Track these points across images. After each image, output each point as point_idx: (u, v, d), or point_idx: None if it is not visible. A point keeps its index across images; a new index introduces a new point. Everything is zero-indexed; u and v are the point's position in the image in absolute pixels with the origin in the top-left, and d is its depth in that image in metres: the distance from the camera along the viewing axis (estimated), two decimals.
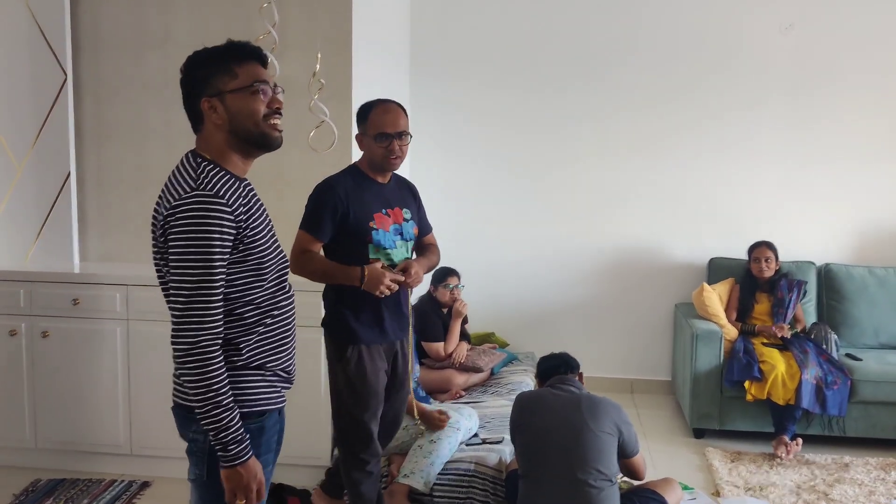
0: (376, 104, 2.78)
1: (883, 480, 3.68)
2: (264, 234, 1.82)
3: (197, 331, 1.68)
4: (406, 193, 2.95)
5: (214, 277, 1.68)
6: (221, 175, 1.77)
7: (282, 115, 1.83)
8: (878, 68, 4.70)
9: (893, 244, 4.80)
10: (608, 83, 4.93)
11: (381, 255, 2.74)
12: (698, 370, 4.22)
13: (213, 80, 1.78)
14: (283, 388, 1.91)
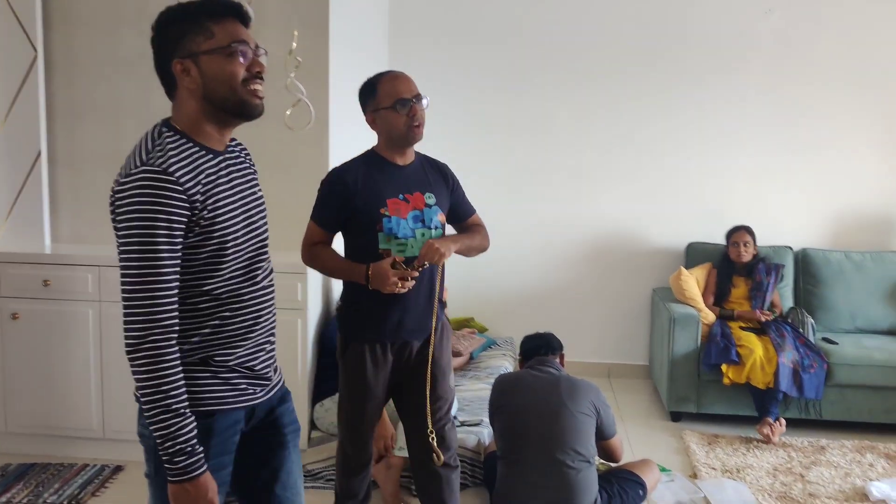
0: (382, 75, 2.54)
1: (858, 463, 3.71)
2: (230, 216, 1.62)
3: (144, 324, 1.49)
4: (433, 175, 2.62)
5: (161, 265, 1.49)
6: (182, 149, 1.58)
7: (263, 80, 1.64)
8: (858, 54, 4.71)
9: (870, 229, 4.84)
10: (589, 69, 4.90)
11: (392, 246, 2.46)
12: (676, 354, 4.23)
13: (186, 40, 1.58)
14: (247, 385, 1.70)
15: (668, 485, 3.39)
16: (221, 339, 1.65)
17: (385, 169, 2.52)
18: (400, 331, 2.54)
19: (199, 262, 1.58)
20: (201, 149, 1.61)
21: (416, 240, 2.48)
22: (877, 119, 4.76)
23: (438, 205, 2.56)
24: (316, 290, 3.61)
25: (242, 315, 1.67)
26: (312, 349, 3.57)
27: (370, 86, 2.53)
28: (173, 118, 1.64)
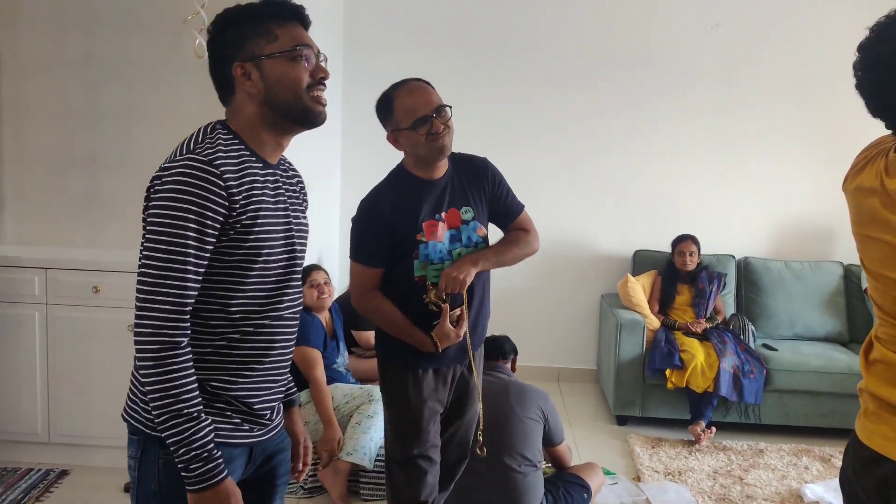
0: (396, 90, 2.31)
1: (795, 465, 3.84)
2: (268, 229, 1.51)
3: (161, 320, 1.39)
4: (469, 181, 2.40)
5: (187, 259, 1.39)
6: (233, 147, 1.49)
7: (325, 87, 1.57)
8: (800, 69, 4.87)
9: (809, 239, 5.00)
10: (539, 79, 4.98)
11: (428, 272, 2.29)
12: (622, 359, 4.33)
13: (248, 43, 1.51)
14: (242, 420, 1.54)
15: (612, 487, 3.48)
16: (223, 364, 1.52)
17: (416, 188, 2.32)
18: (440, 356, 2.35)
19: (222, 271, 1.47)
20: (253, 155, 1.53)
21: (452, 261, 2.31)
22: (817, 132, 4.93)
23: (477, 218, 2.37)
24: None
25: (253, 342, 1.54)
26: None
27: (386, 103, 2.32)
28: (229, 121, 1.56)
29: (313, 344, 3.53)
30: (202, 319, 1.48)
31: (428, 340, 2.28)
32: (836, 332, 4.68)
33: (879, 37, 1.48)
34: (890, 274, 1.51)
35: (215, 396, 1.50)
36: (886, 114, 1.52)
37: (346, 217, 5.08)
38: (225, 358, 1.52)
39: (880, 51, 1.47)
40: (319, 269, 3.78)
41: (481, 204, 2.40)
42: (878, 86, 1.49)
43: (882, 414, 1.54)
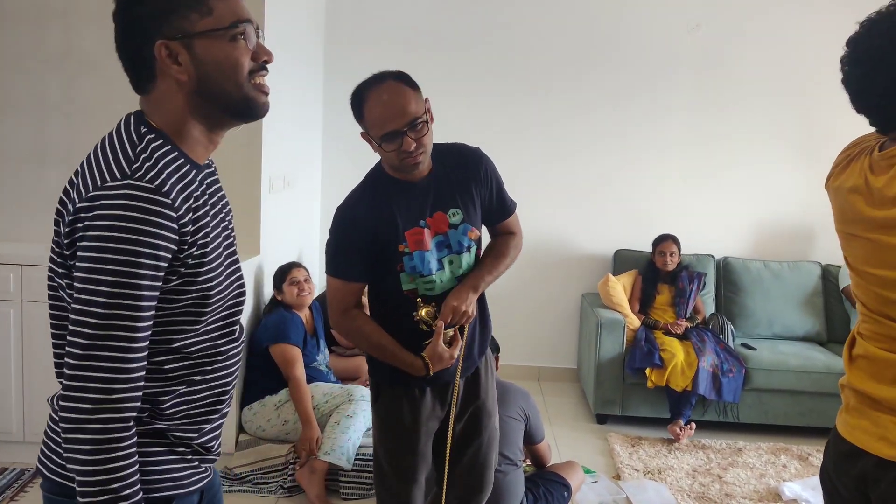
0: (367, 91, 2.00)
1: (773, 464, 3.87)
2: (217, 255, 1.28)
3: (107, 384, 1.13)
4: (457, 178, 2.14)
5: (138, 311, 1.14)
6: (171, 158, 1.23)
7: (268, 72, 1.31)
8: (780, 70, 4.90)
9: (788, 239, 5.04)
10: (520, 79, 4.98)
11: (418, 285, 2.09)
12: (602, 358, 4.34)
13: (175, 16, 1.21)
14: (199, 461, 1.36)
15: (592, 486, 3.48)
16: (186, 412, 1.30)
17: (395, 192, 2.08)
18: (439, 373, 2.14)
19: (172, 313, 1.23)
20: (187, 161, 1.27)
21: (444, 272, 2.10)
22: (796, 133, 4.96)
23: (467, 220, 2.13)
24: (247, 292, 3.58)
25: (214, 381, 1.33)
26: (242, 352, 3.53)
27: (357, 102, 2.04)
28: (148, 114, 1.27)
29: (293, 342, 3.52)
30: (154, 366, 1.23)
31: (419, 363, 2.06)
32: (815, 332, 4.71)
33: (869, 32, 1.49)
34: (873, 271, 1.52)
35: (188, 449, 1.32)
36: (871, 110, 1.53)
37: (326, 213, 5.08)
38: (194, 403, 1.31)
39: (869, 45, 1.48)
40: (300, 266, 3.76)
41: (472, 203, 2.15)
42: (866, 81, 1.50)
43: (863, 409, 1.55)
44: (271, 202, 3.86)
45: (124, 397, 1.14)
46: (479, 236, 2.19)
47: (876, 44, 1.46)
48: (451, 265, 2.12)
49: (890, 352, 1.50)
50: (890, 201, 1.45)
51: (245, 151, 3.63)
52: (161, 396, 1.26)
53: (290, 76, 4.19)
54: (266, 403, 3.51)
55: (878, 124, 1.54)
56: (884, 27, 1.46)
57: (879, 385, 1.52)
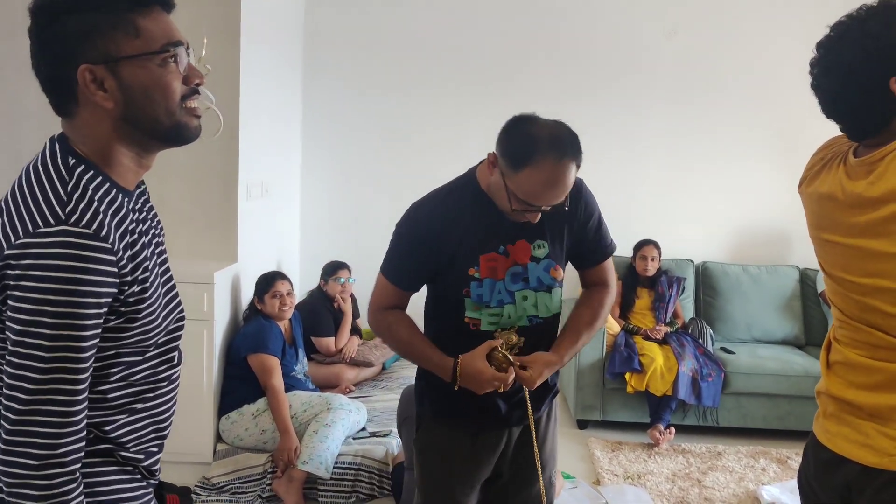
0: (544, 155, 1.74)
1: (752, 468, 3.88)
2: (155, 286, 1.23)
3: (52, 440, 1.08)
4: (548, 211, 1.83)
5: (81, 362, 1.09)
6: (104, 191, 1.16)
7: (200, 94, 1.24)
8: (756, 74, 4.93)
9: (766, 244, 5.07)
10: (498, 82, 4.99)
11: (482, 316, 1.85)
12: (582, 363, 4.34)
13: (100, 39, 1.12)
14: (148, 485, 1.32)
15: (572, 491, 3.48)
16: (130, 439, 1.26)
17: (483, 209, 1.85)
18: (492, 417, 1.94)
19: (115, 348, 1.18)
20: (118, 189, 1.19)
21: (514, 306, 1.85)
22: (773, 138, 5.00)
23: (552, 256, 1.89)
24: (223, 301, 3.56)
25: (157, 408, 1.30)
26: (219, 360, 3.52)
27: (524, 153, 1.76)
28: (73, 141, 1.19)
29: (272, 351, 3.50)
30: (99, 394, 1.19)
31: (448, 364, 1.81)
32: (793, 336, 4.74)
33: (841, 39, 1.47)
34: (849, 277, 1.52)
35: (124, 461, 1.26)
36: (844, 120, 1.53)
37: (306, 221, 5.06)
38: (130, 434, 1.26)
39: (840, 58, 1.46)
40: (284, 278, 3.75)
41: (561, 239, 1.92)
42: (839, 91, 1.49)
43: (843, 416, 1.54)
44: (249, 209, 3.84)
45: (70, 450, 1.10)
46: (562, 278, 1.93)
47: (847, 55, 1.45)
48: (526, 301, 1.86)
49: (871, 358, 1.49)
50: (871, 204, 1.43)
51: (221, 158, 3.61)
52: (105, 426, 1.21)
53: (268, 82, 4.17)
54: (244, 412, 3.48)
55: (850, 132, 1.54)
56: (855, 35, 1.44)
57: (859, 392, 1.51)
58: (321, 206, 5.03)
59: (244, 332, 3.59)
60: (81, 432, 1.12)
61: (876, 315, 1.48)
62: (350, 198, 5.03)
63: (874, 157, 1.45)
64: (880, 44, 1.42)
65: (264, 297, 3.65)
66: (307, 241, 5.06)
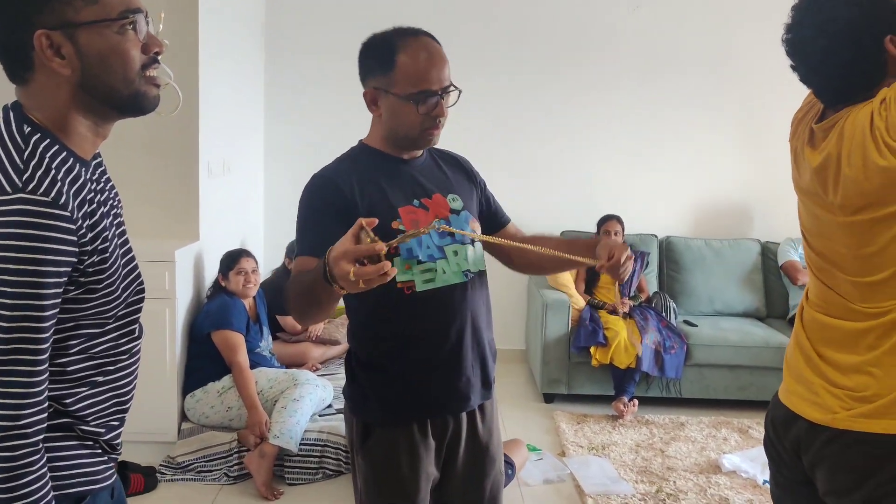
0: (402, 39, 1.70)
1: (714, 437, 3.95)
2: (115, 257, 1.20)
3: (13, 411, 1.07)
4: (452, 171, 1.88)
5: (42, 332, 1.09)
6: (61, 160, 1.14)
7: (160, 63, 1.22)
8: (719, 52, 4.97)
9: (728, 218, 5.13)
10: (463, 61, 4.96)
11: (415, 275, 1.69)
12: (548, 338, 4.37)
13: (57, 3, 1.11)
14: (109, 459, 1.30)
15: (537, 463, 3.52)
16: (91, 413, 1.24)
17: (387, 166, 1.77)
18: (448, 397, 1.78)
19: (76, 319, 1.17)
20: (75, 158, 1.18)
21: (447, 261, 1.73)
22: (736, 114, 5.05)
23: (468, 208, 1.82)
24: (185, 279, 3.53)
25: (118, 381, 1.28)
26: (182, 339, 3.49)
27: (384, 51, 1.69)
28: (27, 107, 1.17)
29: (236, 328, 3.48)
30: (59, 367, 1.18)
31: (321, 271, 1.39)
32: (754, 308, 4.82)
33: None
34: (808, 237, 1.59)
35: (84, 436, 1.24)
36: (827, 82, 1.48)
37: (270, 197, 5.02)
38: (92, 407, 1.24)
39: (833, 14, 1.42)
40: (249, 255, 3.72)
41: (470, 198, 1.87)
42: (823, 54, 1.44)
43: (802, 373, 1.58)
44: (210, 187, 3.80)
45: (32, 422, 1.09)
46: (480, 231, 1.86)
47: (842, 11, 1.41)
48: (457, 256, 1.74)
49: (828, 316, 1.55)
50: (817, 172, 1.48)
51: (181, 134, 3.56)
52: (65, 399, 1.20)
53: (229, 57, 4.12)
54: (209, 390, 3.46)
55: (832, 94, 1.50)
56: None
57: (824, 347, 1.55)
58: (285, 184, 4.97)
59: (207, 309, 3.57)
60: (43, 403, 1.11)
61: (830, 276, 1.53)
62: None
63: (829, 122, 1.46)
64: (876, 0, 1.41)
65: (229, 273, 3.62)
66: (271, 218, 5.03)
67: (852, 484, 1.45)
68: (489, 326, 1.88)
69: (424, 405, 1.76)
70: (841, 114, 1.44)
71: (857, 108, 1.41)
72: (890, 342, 1.42)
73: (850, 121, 1.41)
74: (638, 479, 3.44)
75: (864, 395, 1.44)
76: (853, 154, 1.39)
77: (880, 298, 1.44)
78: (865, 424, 1.43)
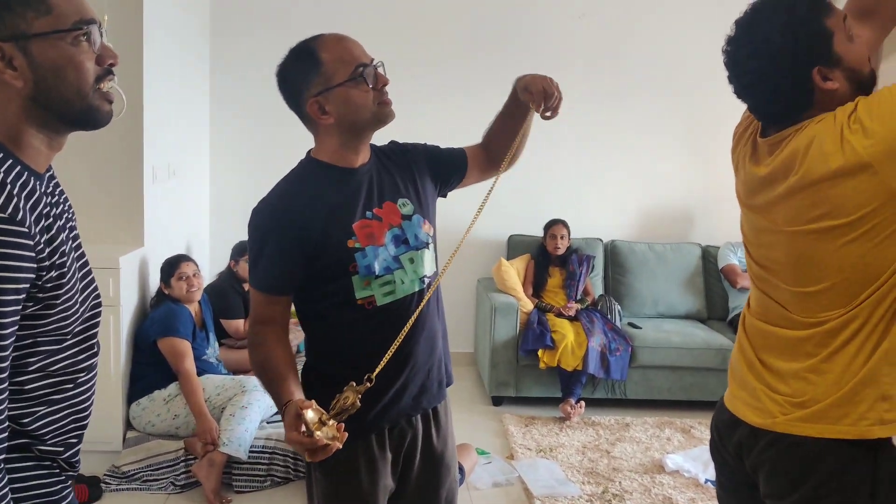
0: (316, 40, 1.72)
1: (658, 437, 4.04)
2: (70, 273, 1.18)
3: None
4: (396, 169, 1.83)
5: (2, 350, 1.07)
6: (16, 174, 1.12)
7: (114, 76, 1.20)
8: (664, 62, 5.08)
9: (671, 223, 5.25)
10: (414, 64, 4.99)
11: (375, 290, 1.68)
12: (496, 341, 4.42)
13: (8, 14, 1.10)
14: (67, 478, 1.28)
15: (486, 467, 3.55)
16: (50, 431, 1.22)
17: (337, 180, 1.72)
18: (408, 404, 1.76)
19: (33, 336, 1.15)
20: (30, 174, 1.15)
21: (404, 271, 1.72)
22: (679, 122, 5.16)
23: (420, 211, 1.80)
24: (130, 286, 3.48)
25: (75, 398, 1.25)
26: (127, 346, 3.44)
27: (306, 57, 1.70)
28: None
29: (182, 335, 3.44)
30: (16, 386, 1.15)
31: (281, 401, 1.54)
32: (696, 310, 4.94)
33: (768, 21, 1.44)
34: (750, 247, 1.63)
35: (42, 455, 1.22)
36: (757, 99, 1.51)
37: (216, 202, 4.97)
38: (50, 425, 1.22)
39: (768, 38, 1.43)
40: (188, 260, 3.67)
41: (422, 193, 1.85)
42: (758, 76, 1.46)
43: (746, 379, 1.62)
44: (155, 192, 3.75)
45: None
46: (434, 233, 1.85)
47: (776, 38, 1.42)
48: (413, 264, 1.74)
49: (769, 324, 1.58)
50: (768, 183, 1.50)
51: (125, 139, 3.51)
52: (23, 419, 1.17)
53: (174, 60, 4.07)
54: (155, 398, 3.42)
55: (765, 114, 1.53)
56: (783, 17, 1.42)
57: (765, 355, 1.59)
58: (231, 187, 4.93)
59: (153, 316, 3.52)
60: (4, 423, 1.09)
61: (770, 286, 1.57)
62: (260, 178, 4.84)
63: (776, 138, 1.49)
64: (809, 30, 1.41)
65: (170, 280, 3.58)
66: (217, 222, 4.97)
67: (789, 486, 1.50)
68: (444, 324, 1.90)
69: (385, 416, 1.73)
70: (790, 130, 1.46)
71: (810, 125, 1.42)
72: (827, 350, 1.46)
73: (803, 136, 1.42)
74: (585, 480, 3.50)
75: (802, 401, 1.49)
76: (808, 168, 1.40)
77: (818, 309, 1.48)
78: (801, 428, 1.48)
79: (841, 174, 1.36)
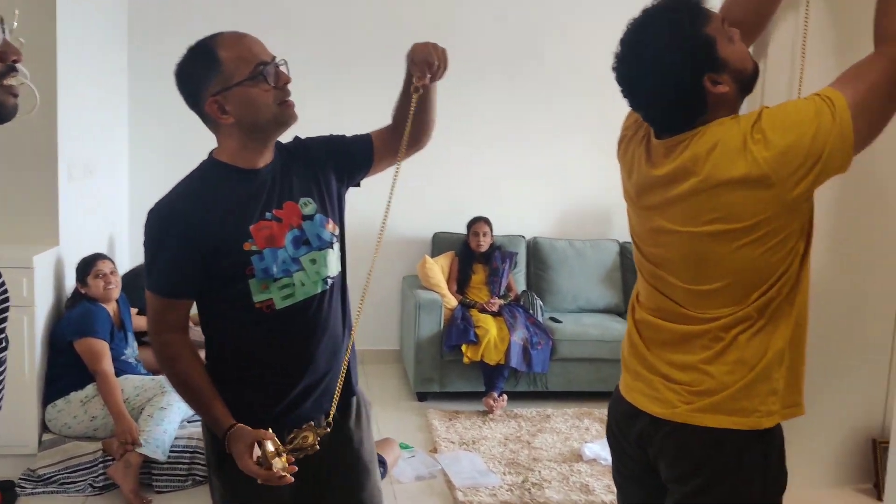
0: (216, 38, 1.68)
1: (577, 427, 4.16)
2: None
3: None
4: (298, 168, 1.79)
5: None
6: None
7: (17, 72, 1.21)
8: (576, 63, 5.19)
9: (590, 220, 5.38)
10: (333, 57, 5.00)
11: (273, 293, 1.66)
12: (421, 337, 4.48)
13: None
14: None
15: (409, 461, 3.61)
16: None
17: (237, 181, 1.69)
18: (310, 411, 1.72)
19: None
20: None
21: (304, 272, 1.70)
22: (596, 121, 5.26)
23: (323, 210, 1.78)
24: (45, 285, 3.42)
25: None
26: (42, 348, 3.38)
27: (205, 56, 1.65)
28: None
29: (99, 335, 3.39)
30: None
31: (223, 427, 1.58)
32: (614, 304, 5.09)
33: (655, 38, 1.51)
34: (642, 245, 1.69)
35: None
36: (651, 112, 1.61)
37: (135, 201, 4.88)
38: None
39: (656, 54, 1.50)
40: (105, 258, 3.62)
41: (325, 191, 1.82)
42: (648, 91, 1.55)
43: (640, 371, 1.67)
44: (71, 190, 3.68)
45: None
46: (338, 232, 1.83)
47: (664, 54, 1.49)
48: (315, 265, 1.72)
49: (662, 320, 1.64)
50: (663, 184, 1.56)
51: (39, 137, 3.44)
52: None
53: (90, 55, 3.99)
54: (71, 400, 3.36)
55: (654, 125, 1.62)
56: (665, 31, 1.49)
57: (657, 349, 1.65)
58: (151, 183, 4.79)
59: (69, 316, 3.46)
60: None
61: (662, 282, 1.63)
62: (181, 175, 4.77)
63: (673, 141, 1.55)
64: (695, 42, 1.48)
65: (87, 279, 3.52)
66: (137, 220, 4.86)
67: (690, 471, 1.57)
68: (349, 327, 1.88)
69: (285, 419, 1.67)
70: (688, 134, 1.52)
71: (711, 128, 1.49)
72: (722, 344, 1.54)
73: (705, 140, 1.49)
74: (506, 470, 3.59)
75: (700, 390, 1.55)
76: (710, 172, 1.46)
77: (712, 306, 1.55)
78: (701, 419, 1.55)
79: (741, 182, 1.43)
